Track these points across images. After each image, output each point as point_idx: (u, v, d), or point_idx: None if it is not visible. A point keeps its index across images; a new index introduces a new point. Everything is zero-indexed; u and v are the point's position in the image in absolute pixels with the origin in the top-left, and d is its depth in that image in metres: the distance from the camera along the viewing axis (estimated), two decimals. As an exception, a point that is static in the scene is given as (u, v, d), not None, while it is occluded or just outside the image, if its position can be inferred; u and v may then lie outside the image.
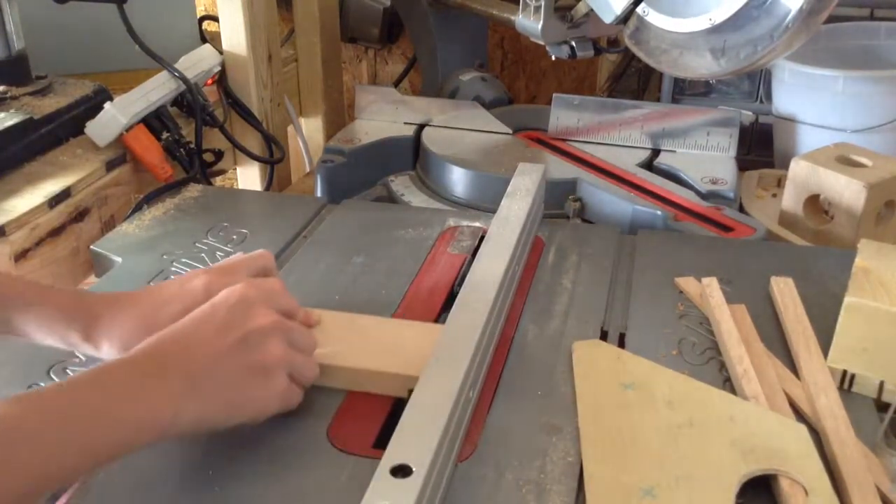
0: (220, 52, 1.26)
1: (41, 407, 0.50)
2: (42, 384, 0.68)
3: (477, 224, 0.97)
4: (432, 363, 0.62)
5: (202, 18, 1.45)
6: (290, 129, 1.47)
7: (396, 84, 1.78)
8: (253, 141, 1.31)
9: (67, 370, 0.70)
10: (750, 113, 1.50)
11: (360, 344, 0.70)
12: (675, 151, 1.22)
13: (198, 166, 1.18)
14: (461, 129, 1.30)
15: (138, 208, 1.02)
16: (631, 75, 1.71)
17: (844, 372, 0.68)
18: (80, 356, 0.71)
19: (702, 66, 0.96)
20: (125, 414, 0.52)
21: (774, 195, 1.22)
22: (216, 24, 1.26)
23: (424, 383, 0.60)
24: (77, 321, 0.64)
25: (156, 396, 0.53)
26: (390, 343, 0.70)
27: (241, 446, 0.62)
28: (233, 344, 0.57)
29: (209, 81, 1.27)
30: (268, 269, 0.72)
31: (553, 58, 1.18)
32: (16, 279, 0.68)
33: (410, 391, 0.60)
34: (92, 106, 1.13)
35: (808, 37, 0.88)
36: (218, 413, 0.57)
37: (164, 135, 1.14)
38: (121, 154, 1.11)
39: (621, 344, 0.75)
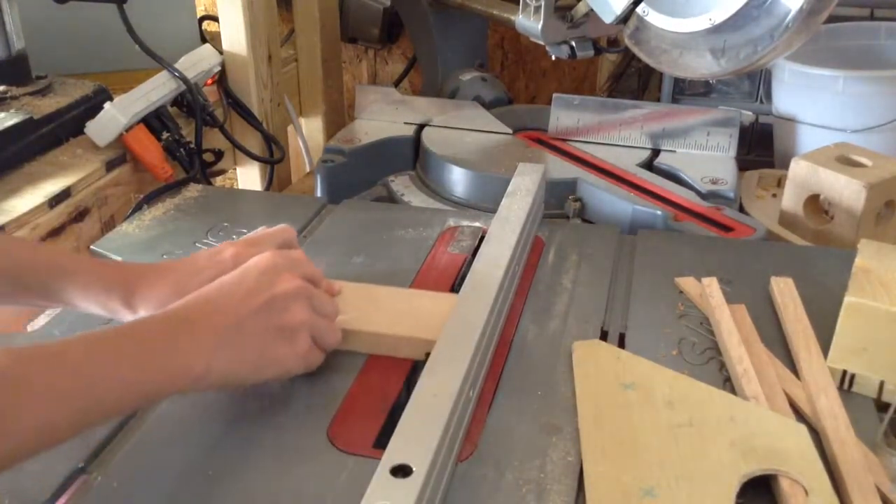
0: (220, 52, 1.26)
1: (87, 344, 0.54)
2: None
3: (477, 224, 0.97)
4: (433, 362, 0.62)
5: (202, 18, 1.46)
6: (290, 129, 1.47)
7: (396, 84, 1.78)
8: (253, 141, 1.31)
9: (67, 370, 0.70)
10: (750, 113, 1.50)
11: (380, 311, 0.74)
12: (675, 151, 1.22)
13: (198, 166, 1.18)
14: (461, 129, 1.30)
15: (138, 208, 1.02)
16: (631, 75, 1.71)
17: (844, 372, 0.68)
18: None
19: (702, 66, 0.96)
20: (161, 362, 0.56)
21: (774, 195, 1.22)
22: (216, 24, 1.27)
23: (425, 383, 0.60)
24: (117, 289, 0.68)
25: (189, 349, 0.57)
26: (408, 310, 0.74)
27: (241, 446, 0.62)
28: (260, 306, 0.61)
29: (209, 81, 1.27)
30: (290, 242, 0.77)
31: (553, 58, 1.19)
32: (57, 250, 0.73)
33: (427, 354, 0.64)
34: (92, 106, 1.13)
35: (808, 37, 0.88)
36: (245, 368, 0.61)
37: (164, 135, 1.14)
38: (121, 154, 1.11)
39: (621, 344, 0.75)
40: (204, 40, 1.37)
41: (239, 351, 0.60)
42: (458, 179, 1.16)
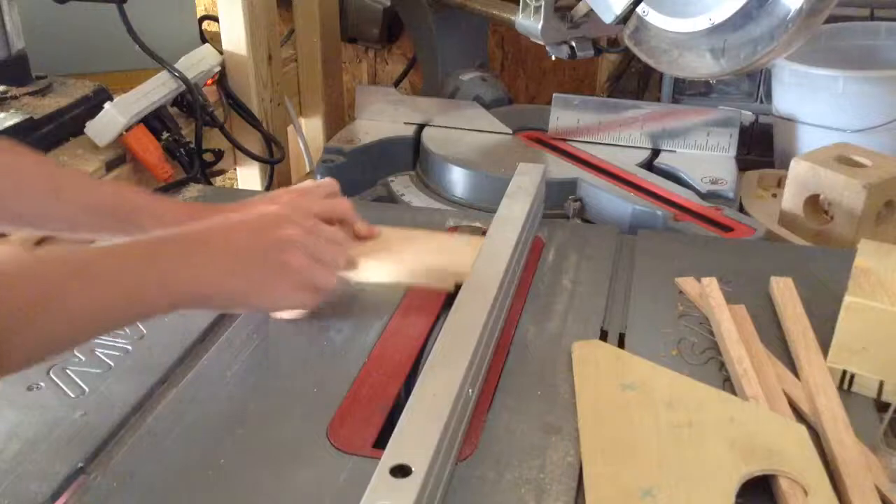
0: (220, 52, 1.26)
1: (112, 256, 0.60)
2: (42, 385, 0.68)
3: (477, 224, 0.97)
4: (433, 362, 0.62)
5: (202, 18, 1.46)
6: (290, 129, 1.47)
7: (396, 84, 1.78)
8: (253, 141, 1.31)
9: (67, 370, 0.70)
10: (750, 113, 1.50)
11: (414, 244, 0.84)
12: (675, 151, 1.23)
13: (198, 166, 1.18)
14: (461, 129, 1.30)
15: (138, 208, 1.02)
16: (631, 75, 1.71)
17: (844, 372, 0.68)
18: (80, 356, 0.71)
19: (702, 66, 0.96)
20: (175, 272, 0.62)
21: (774, 195, 1.22)
22: (216, 24, 1.27)
23: (425, 382, 0.60)
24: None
25: (202, 264, 0.64)
26: (438, 245, 0.84)
27: (241, 446, 0.62)
28: (266, 243, 0.68)
29: (209, 81, 1.27)
30: (334, 194, 0.86)
31: (553, 58, 1.19)
32: (131, 188, 0.85)
33: (458, 285, 0.73)
34: (92, 106, 1.13)
35: (808, 37, 0.88)
36: (253, 291, 0.67)
37: (164, 135, 1.14)
38: (121, 154, 1.11)
39: (621, 344, 0.75)
40: (204, 40, 1.37)
41: (246, 276, 0.66)
42: (458, 179, 1.16)
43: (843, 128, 1.25)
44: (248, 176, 1.37)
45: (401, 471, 0.51)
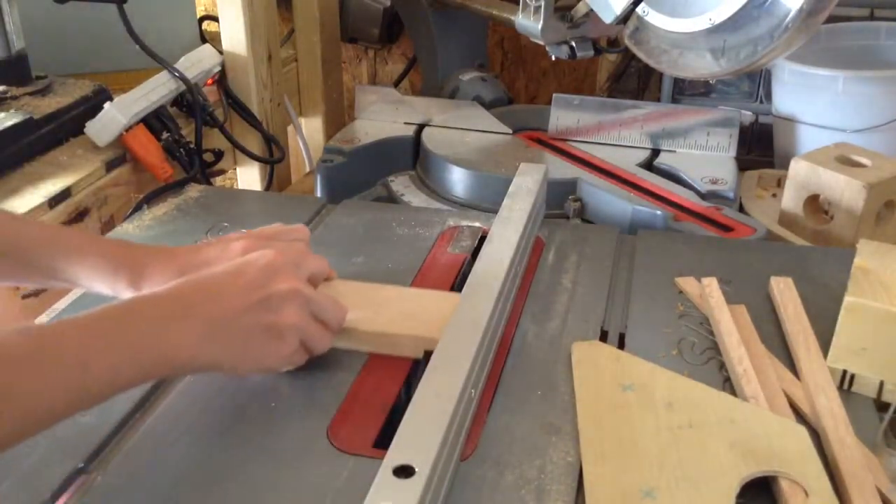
0: (220, 52, 1.26)
1: (81, 328, 0.54)
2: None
3: (477, 224, 0.97)
4: (435, 362, 0.62)
5: (202, 18, 1.46)
6: (290, 129, 1.47)
7: (396, 84, 1.78)
8: (253, 141, 1.31)
9: (67, 370, 0.70)
10: (750, 113, 1.50)
11: (381, 309, 0.75)
12: (675, 151, 1.22)
13: (198, 166, 1.18)
14: (461, 129, 1.30)
15: (138, 208, 1.02)
16: (631, 75, 1.71)
17: (844, 372, 0.68)
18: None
19: (702, 66, 0.96)
20: (149, 348, 0.56)
21: (774, 195, 1.22)
22: (216, 24, 1.26)
23: (427, 382, 0.60)
24: (124, 270, 0.69)
25: (178, 336, 0.58)
26: (409, 308, 0.75)
27: (241, 446, 0.62)
28: (255, 302, 0.61)
29: (209, 81, 1.27)
30: (303, 242, 0.78)
31: (553, 58, 1.19)
32: (66, 229, 0.72)
33: (427, 353, 0.67)
34: (92, 106, 1.13)
35: (808, 37, 0.88)
36: (227, 361, 0.61)
37: (164, 135, 1.14)
38: (121, 154, 1.11)
39: (621, 344, 0.75)
40: (204, 40, 1.37)
41: (225, 344, 0.60)
42: (457, 179, 1.16)
43: (843, 128, 1.25)
44: (248, 176, 1.37)
45: (404, 471, 0.51)
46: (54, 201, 0.98)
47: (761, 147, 1.49)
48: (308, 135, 1.56)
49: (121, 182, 1.10)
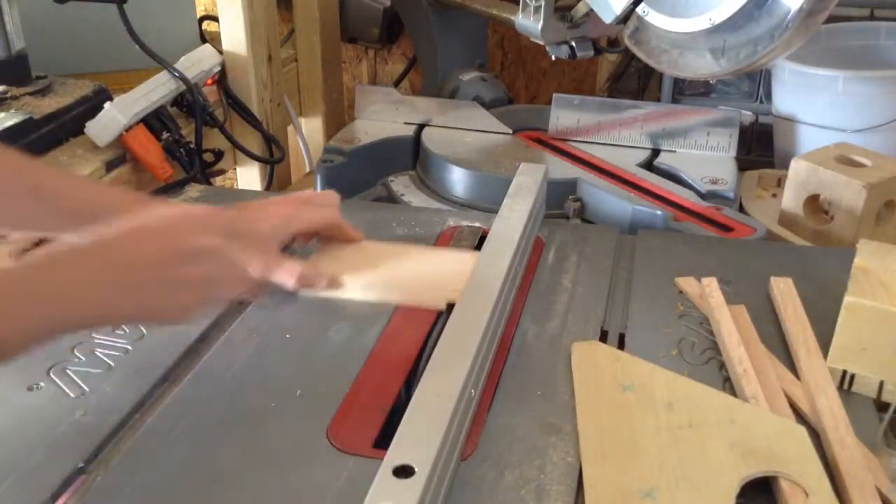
0: (220, 52, 1.26)
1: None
2: (42, 385, 0.68)
3: (477, 224, 0.97)
4: (435, 362, 0.62)
5: (202, 18, 1.46)
6: (290, 129, 1.47)
7: (396, 84, 1.78)
8: (253, 141, 1.31)
9: (67, 370, 0.70)
10: (750, 113, 1.50)
11: (405, 264, 0.78)
12: (675, 151, 1.22)
13: (198, 166, 1.18)
14: (461, 129, 1.30)
15: (138, 208, 1.02)
16: (631, 75, 1.71)
17: (844, 372, 0.68)
18: (80, 356, 0.71)
19: (702, 66, 0.96)
20: (76, 297, 0.56)
21: (774, 195, 1.22)
22: (216, 24, 1.27)
23: (427, 382, 0.60)
24: None
25: (93, 286, 0.57)
26: (433, 265, 0.79)
27: (241, 446, 0.62)
28: (168, 253, 0.61)
29: (209, 81, 1.27)
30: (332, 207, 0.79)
31: (553, 58, 1.19)
32: (106, 186, 0.77)
33: (450, 305, 0.68)
34: (92, 106, 1.13)
35: (808, 37, 0.88)
36: (139, 310, 0.60)
37: (164, 135, 1.14)
38: (121, 154, 1.11)
39: (621, 344, 0.75)
40: (204, 40, 1.37)
41: (133, 293, 0.59)
42: (457, 179, 1.16)
43: (843, 128, 1.25)
44: (248, 176, 1.37)
45: (404, 471, 0.51)
46: (54, 201, 0.97)
47: (761, 147, 1.49)
48: (308, 135, 1.56)
49: (121, 182, 1.10)
